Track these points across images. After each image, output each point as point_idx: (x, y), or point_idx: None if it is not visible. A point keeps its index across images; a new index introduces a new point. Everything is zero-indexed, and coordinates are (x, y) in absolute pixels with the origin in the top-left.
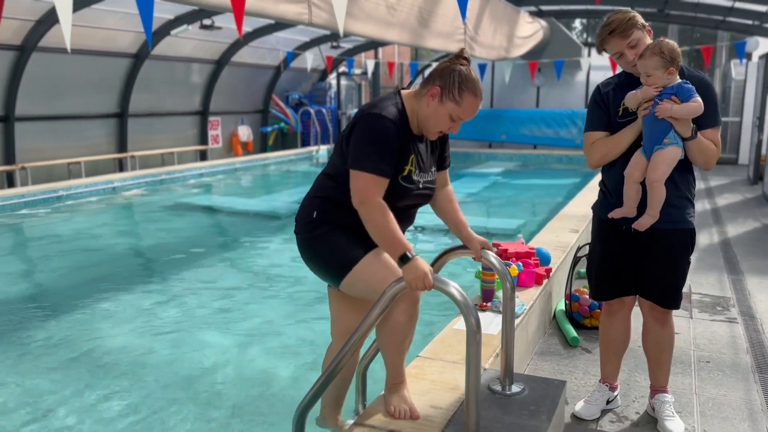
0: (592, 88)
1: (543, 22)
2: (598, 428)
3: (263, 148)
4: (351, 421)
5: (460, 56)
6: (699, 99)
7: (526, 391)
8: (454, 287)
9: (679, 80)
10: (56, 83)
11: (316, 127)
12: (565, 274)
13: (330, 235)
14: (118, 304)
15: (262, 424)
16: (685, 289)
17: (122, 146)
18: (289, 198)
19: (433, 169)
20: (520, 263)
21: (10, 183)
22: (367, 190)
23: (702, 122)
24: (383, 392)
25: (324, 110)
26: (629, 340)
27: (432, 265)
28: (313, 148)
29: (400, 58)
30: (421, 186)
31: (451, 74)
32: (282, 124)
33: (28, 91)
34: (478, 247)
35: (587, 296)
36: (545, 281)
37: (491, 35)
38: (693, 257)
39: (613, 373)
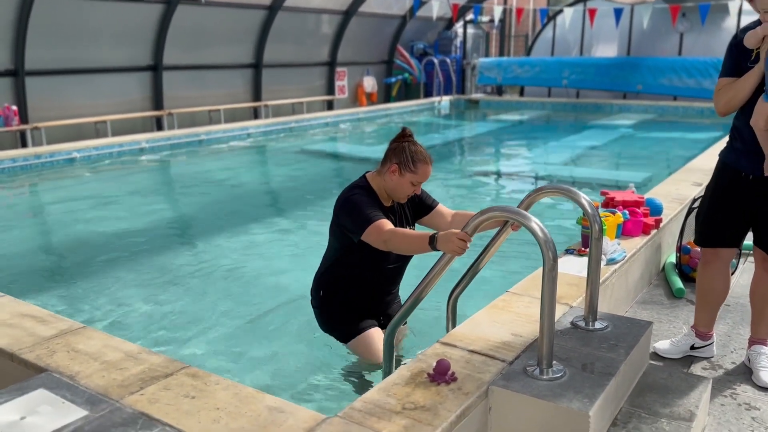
0: None
1: None
2: (689, 371)
3: (387, 99)
4: None
5: (404, 135)
6: None
7: (609, 328)
8: (534, 222)
9: None
10: (198, 35)
11: (440, 78)
12: (679, 227)
13: (333, 313)
14: (248, 234)
15: None
16: None
17: (257, 95)
18: None
19: (412, 227)
20: (626, 212)
21: (159, 127)
22: (380, 234)
23: None
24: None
25: (448, 60)
26: (726, 293)
27: (519, 206)
28: (436, 98)
29: (532, 3)
30: (385, 267)
31: (402, 151)
32: (406, 75)
33: (173, 42)
34: None
35: (699, 249)
36: (654, 231)
37: None
38: None
39: (705, 322)
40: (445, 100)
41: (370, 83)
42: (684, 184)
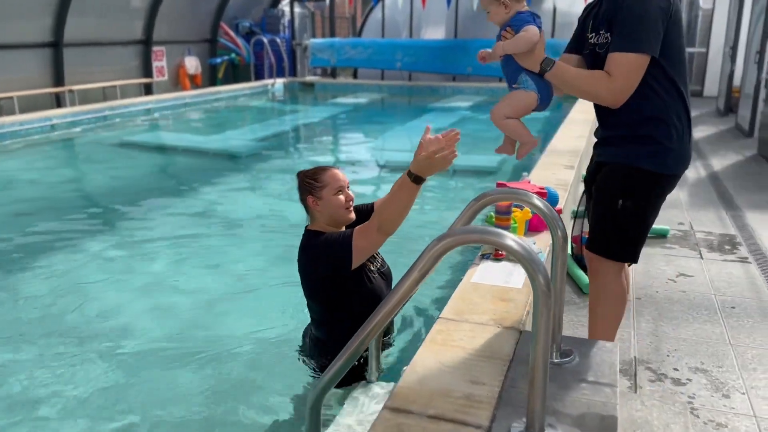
0: (560, 17)
1: None
2: (636, 385)
3: (213, 81)
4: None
5: (300, 174)
6: (531, 28)
7: (576, 358)
8: (510, 238)
9: (527, 10)
10: None
11: (271, 59)
12: (570, 214)
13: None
14: (61, 256)
15: (235, 384)
16: (687, 227)
17: (59, 79)
18: (247, 135)
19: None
20: None
21: None
22: (367, 230)
23: (611, 44)
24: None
25: (278, 40)
26: None
27: (459, 219)
28: (269, 81)
29: None
30: (374, 270)
31: (303, 183)
32: (233, 55)
33: None
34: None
35: None
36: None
37: None
38: (685, 193)
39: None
40: (279, 83)
41: (192, 64)
42: (558, 168)
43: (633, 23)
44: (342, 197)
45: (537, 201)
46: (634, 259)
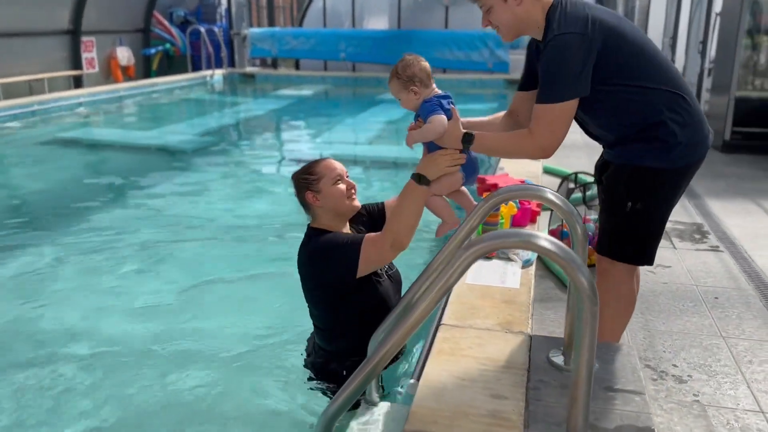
0: None
1: None
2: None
3: (147, 73)
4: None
5: (294, 175)
6: (435, 118)
7: (596, 363)
8: (545, 239)
9: (436, 93)
10: None
11: (208, 49)
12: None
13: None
14: None
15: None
16: None
17: None
18: (189, 129)
19: None
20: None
21: None
22: (379, 241)
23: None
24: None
25: (216, 29)
26: None
27: (471, 217)
28: (207, 72)
29: None
30: (382, 274)
31: (298, 181)
32: (167, 46)
33: None
34: None
35: None
36: (538, 218)
37: None
38: None
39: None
40: (218, 74)
41: (125, 55)
42: (525, 160)
43: (550, 73)
44: (342, 186)
45: (552, 196)
46: (649, 261)
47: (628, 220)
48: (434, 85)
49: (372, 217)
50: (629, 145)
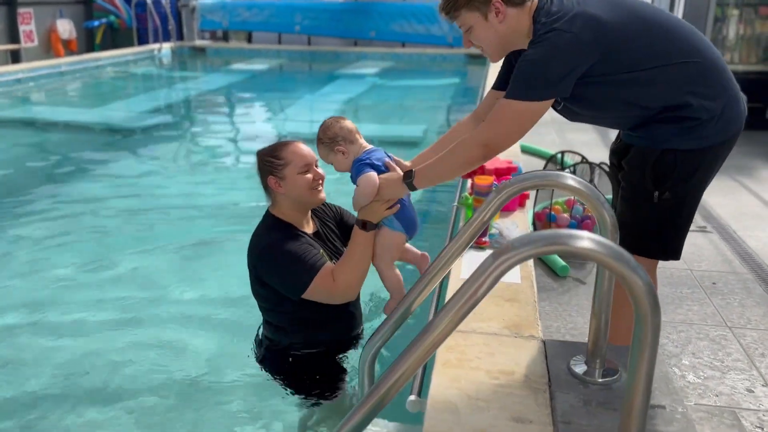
0: None
1: None
2: None
3: (90, 47)
4: None
5: (258, 153)
6: (363, 177)
7: (623, 375)
8: (590, 238)
9: (365, 148)
10: None
11: (155, 21)
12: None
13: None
14: None
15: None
16: None
17: None
18: (137, 107)
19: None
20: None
21: None
22: (330, 287)
23: None
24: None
25: (163, 1)
26: None
27: (484, 211)
28: (155, 46)
29: None
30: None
31: (262, 162)
32: (111, 18)
33: None
34: None
35: (565, 215)
36: (527, 201)
37: None
38: None
39: None
40: (166, 47)
41: (66, 28)
42: None
43: (524, 70)
44: (309, 176)
45: (573, 182)
46: (675, 255)
47: (652, 213)
48: (362, 140)
49: (343, 220)
50: (654, 126)
